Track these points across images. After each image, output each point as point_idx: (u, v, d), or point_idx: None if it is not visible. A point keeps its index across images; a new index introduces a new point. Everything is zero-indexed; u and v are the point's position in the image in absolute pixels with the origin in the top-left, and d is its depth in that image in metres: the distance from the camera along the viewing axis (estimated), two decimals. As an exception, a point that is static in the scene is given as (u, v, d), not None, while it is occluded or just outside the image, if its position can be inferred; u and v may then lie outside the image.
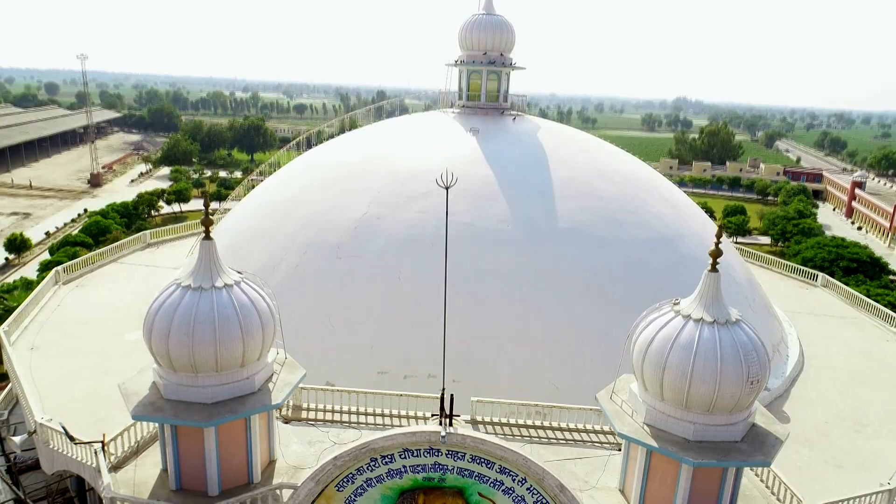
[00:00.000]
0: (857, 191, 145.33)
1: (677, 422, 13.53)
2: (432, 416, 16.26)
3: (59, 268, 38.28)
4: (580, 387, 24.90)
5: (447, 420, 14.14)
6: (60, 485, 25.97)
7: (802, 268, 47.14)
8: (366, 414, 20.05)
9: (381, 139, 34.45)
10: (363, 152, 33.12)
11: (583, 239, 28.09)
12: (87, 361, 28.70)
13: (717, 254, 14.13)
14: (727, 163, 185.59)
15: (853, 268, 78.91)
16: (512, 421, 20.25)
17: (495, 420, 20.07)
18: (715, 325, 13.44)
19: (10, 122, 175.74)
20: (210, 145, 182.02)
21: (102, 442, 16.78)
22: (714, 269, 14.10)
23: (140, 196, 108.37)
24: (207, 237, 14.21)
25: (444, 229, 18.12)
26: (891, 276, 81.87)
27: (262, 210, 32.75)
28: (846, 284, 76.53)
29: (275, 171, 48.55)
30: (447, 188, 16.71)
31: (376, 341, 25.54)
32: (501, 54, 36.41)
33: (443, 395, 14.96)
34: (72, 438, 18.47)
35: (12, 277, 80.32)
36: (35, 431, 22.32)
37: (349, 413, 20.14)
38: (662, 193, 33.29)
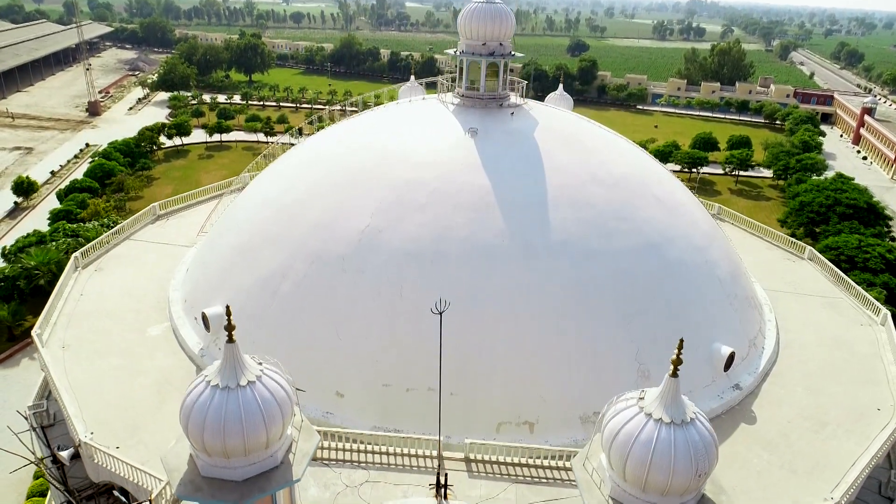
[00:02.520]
0: (865, 117, 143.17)
1: (635, 499, 15.95)
2: (430, 486, 18.71)
3: (77, 253, 40.11)
4: (565, 398, 27.58)
5: (443, 491, 16.54)
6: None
7: (791, 238, 48.59)
8: (373, 453, 22.69)
9: (380, 137, 35.03)
10: (364, 153, 33.90)
11: (573, 252, 29.64)
12: (116, 361, 31.26)
13: (677, 362, 15.91)
14: (737, 83, 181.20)
15: (849, 214, 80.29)
16: (501, 459, 22.83)
17: (486, 458, 22.65)
18: (671, 425, 15.52)
19: (1, 43, 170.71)
20: (207, 66, 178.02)
21: (150, 500, 19.44)
22: (674, 374, 15.92)
23: (141, 133, 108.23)
24: (230, 340, 16.10)
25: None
26: (888, 222, 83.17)
27: (271, 210, 34.05)
28: (841, 231, 78.22)
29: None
30: (440, 314, 18.17)
31: (380, 354, 27.82)
32: (501, 44, 36.30)
33: (438, 473, 17.27)
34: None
35: (24, 225, 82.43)
36: (80, 446, 25.18)
37: (358, 452, 22.77)
38: (655, 193, 34.34)
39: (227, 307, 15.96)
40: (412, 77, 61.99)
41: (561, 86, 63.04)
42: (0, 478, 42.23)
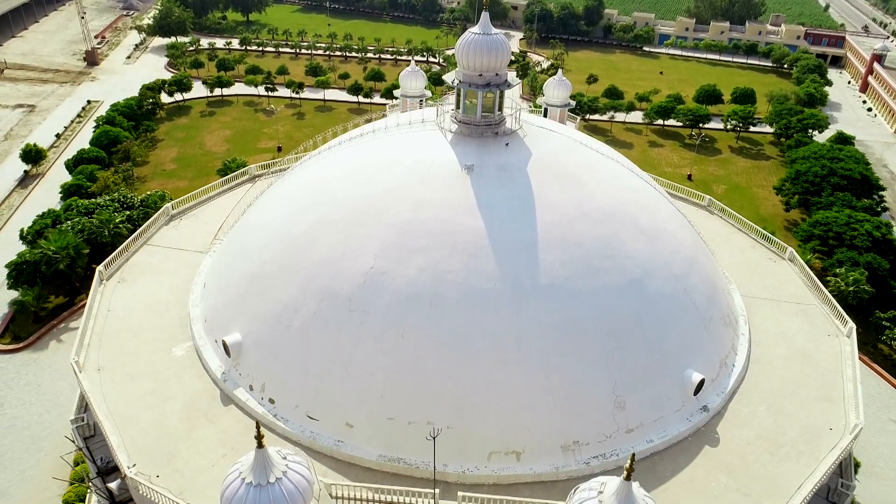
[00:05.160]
0: (875, 65, 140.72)
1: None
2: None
3: (101, 266, 42.78)
4: (549, 429, 31.16)
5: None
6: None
7: (774, 238, 50.84)
8: (378, 502, 26.48)
9: (382, 171, 36.60)
10: (367, 188, 35.74)
11: (559, 293, 32.31)
12: (147, 385, 34.71)
13: (630, 469, 18.92)
14: (747, 23, 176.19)
15: (843, 185, 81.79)
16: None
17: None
18: (625, 518, 18.89)
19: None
20: (202, 7, 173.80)
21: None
22: (628, 478, 18.94)
23: (142, 93, 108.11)
24: (260, 446, 19.17)
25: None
26: (881, 193, 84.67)
27: (281, 240, 36.36)
28: (833, 204, 79.97)
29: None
30: (434, 438, 21.04)
31: (385, 391, 31.13)
32: (497, 74, 37.56)
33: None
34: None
35: (35, 195, 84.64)
36: (126, 477, 29.01)
37: (367, 501, 26.54)
38: (639, 223, 36.50)
39: (258, 423, 18.97)
40: (412, 63, 62.77)
41: (560, 71, 63.86)
42: (42, 463, 46.92)
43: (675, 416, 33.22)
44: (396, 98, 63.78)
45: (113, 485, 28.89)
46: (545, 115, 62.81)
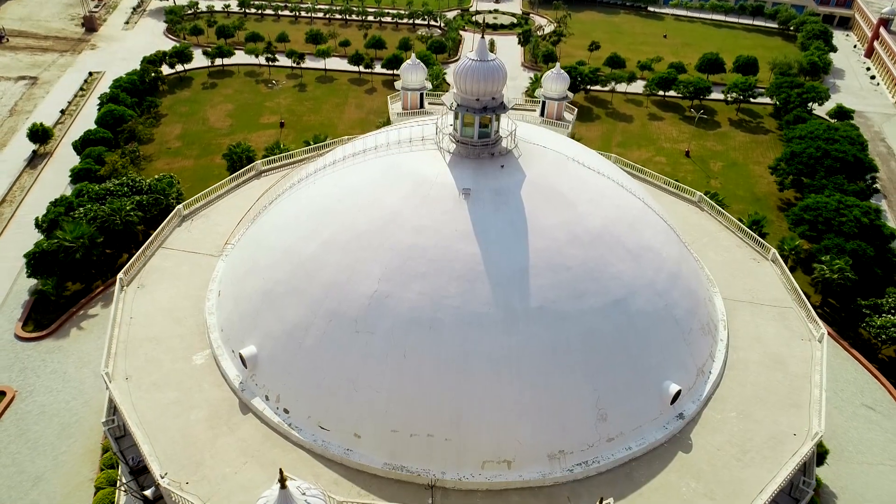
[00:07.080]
0: (881, 30, 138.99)
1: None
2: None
3: (121, 274, 45.44)
4: (537, 440, 34.52)
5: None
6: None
7: (759, 238, 53.09)
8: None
9: (384, 194, 38.65)
10: (370, 212, 37.89)
11: (548, 316, 35.06)
12: (172, 394, 37.95)
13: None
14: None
15: (837, 168, 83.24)
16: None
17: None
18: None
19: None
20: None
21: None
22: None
23: (144, 68, 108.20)
24: (283, 487, 22.24)
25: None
26: (874, 174, 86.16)
27: (289, 261, 38.71)
28: (826, 186, 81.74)
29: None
30: (432, 487, 23.99)
31: (389, 406, 34.32)
32: (493, 98, 39.27)
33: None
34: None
35: (45, 177, 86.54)
36: (159, 485, 32.56)
37: (374, 517, 30.13)
38: (626, 244, 38.84)
39: (281, 470, 22.02)
40: (412, 56, 63.86)
41: (558, 64, 64.74)
42: (74, 449, 50.88)
43: (652, 424, 36.46)
44: (397, 90, 65.20)
45: (148, 492, 32.41)
46: (543, 108, 64.31)
